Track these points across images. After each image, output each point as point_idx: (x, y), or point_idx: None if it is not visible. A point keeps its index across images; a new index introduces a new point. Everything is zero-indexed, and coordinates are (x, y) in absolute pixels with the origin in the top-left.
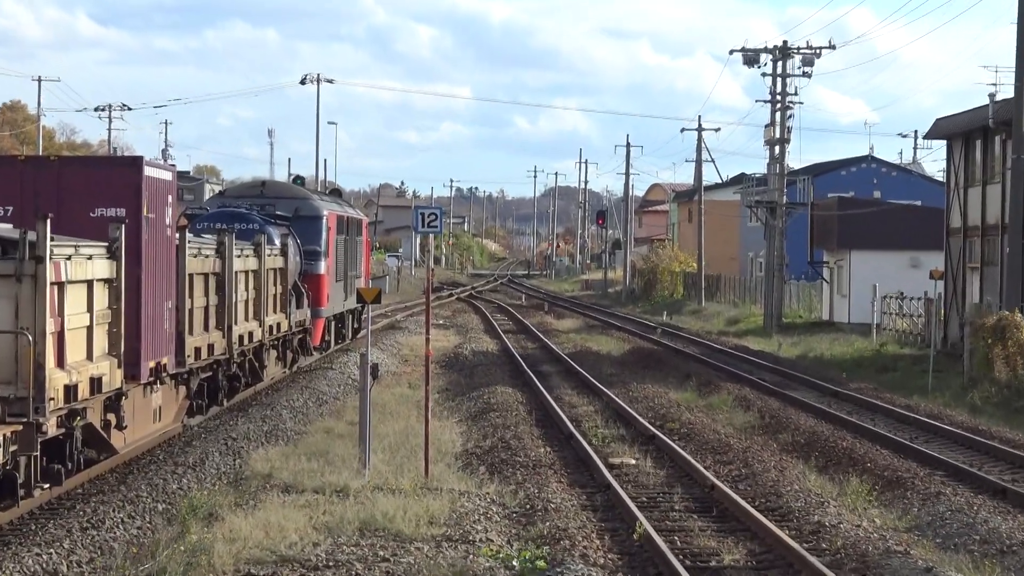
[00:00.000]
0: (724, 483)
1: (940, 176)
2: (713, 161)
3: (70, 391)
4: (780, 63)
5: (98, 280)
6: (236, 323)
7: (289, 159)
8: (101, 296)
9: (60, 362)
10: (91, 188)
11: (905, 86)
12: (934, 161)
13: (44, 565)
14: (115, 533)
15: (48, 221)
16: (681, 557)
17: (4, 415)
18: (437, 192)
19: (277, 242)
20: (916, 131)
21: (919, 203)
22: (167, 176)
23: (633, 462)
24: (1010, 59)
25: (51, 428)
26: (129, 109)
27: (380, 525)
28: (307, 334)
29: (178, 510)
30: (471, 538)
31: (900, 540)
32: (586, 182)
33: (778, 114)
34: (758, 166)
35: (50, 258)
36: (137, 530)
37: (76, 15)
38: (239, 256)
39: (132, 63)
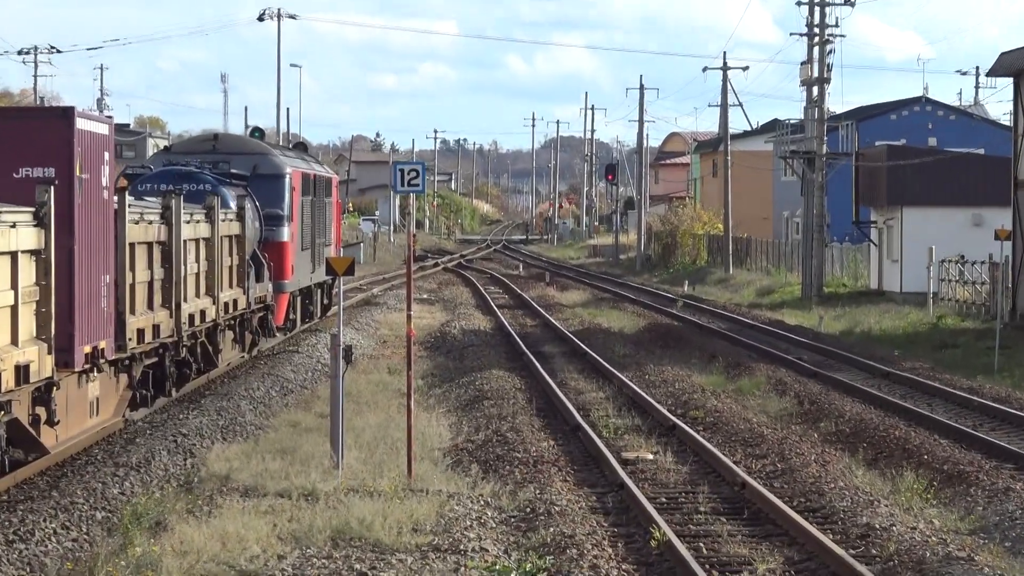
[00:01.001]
0: (757, 480)
1: (1006, 120)
2: (741, 105)
3: None
4: None
5: (23, 252)
6: (185, 300)
7: (246, 108)
8: (27, 270)
9: None
10: (14, 144)
11: (964, 15)
12: (999, 102)
13: None
14: (47, 546)
15: None
16: (707, 567)
17: None
18: (419, 145)
19: (233, 205)
20: (977, 68)
21: (981, 151)
22: (103, 129)
23: (650, 457)
24: None
25: None
26: (58, 52)
27: (356, 533)
28: (269, 312)
29: (120, 518)
30: (462, 548)
31: (962, 544)
32: (593, 131)
33: (816, 49)
34: (793, 111)
35: None
36: (72, 542)
37: None
38: (188, 222)
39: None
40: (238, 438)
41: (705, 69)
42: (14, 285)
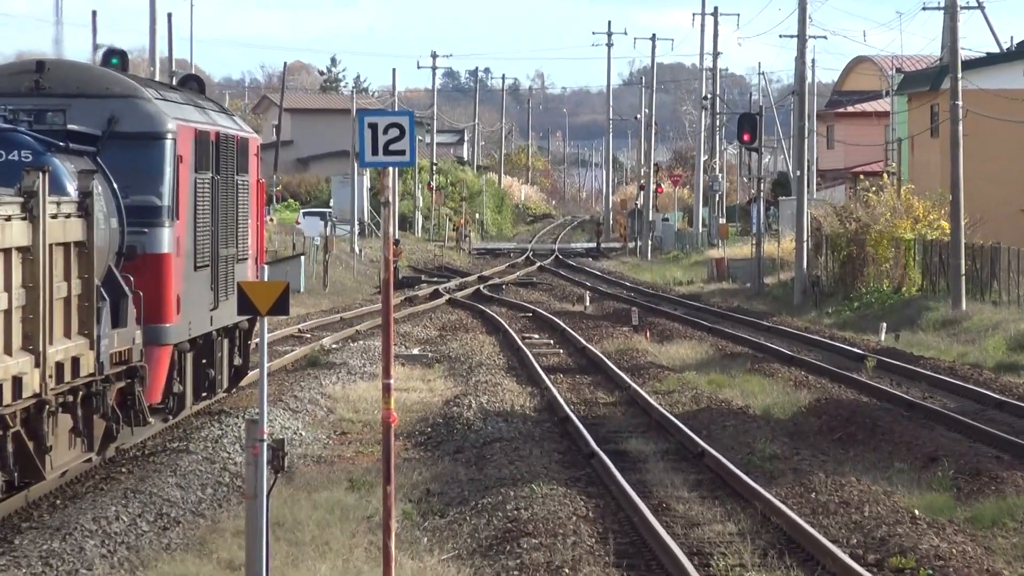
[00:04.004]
0: None
1: None
2: (982, 7)
3: None
4: None
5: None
6: None
7: (94, 15)
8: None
9: None
10: None
11: None
12: None
13: None
14: None
15: None
16: None
17: None
18: (406, 80)
19: (71, 189)
20: None
21: None
22: None
23: None
24: None
25: None
26: None
27: None
28: (136, 380)
29: None
30: None
31: None
32: (716, 56)
33: None
34: None
35: None
36: None
37: None
38: None
39: None
40: None
41: None
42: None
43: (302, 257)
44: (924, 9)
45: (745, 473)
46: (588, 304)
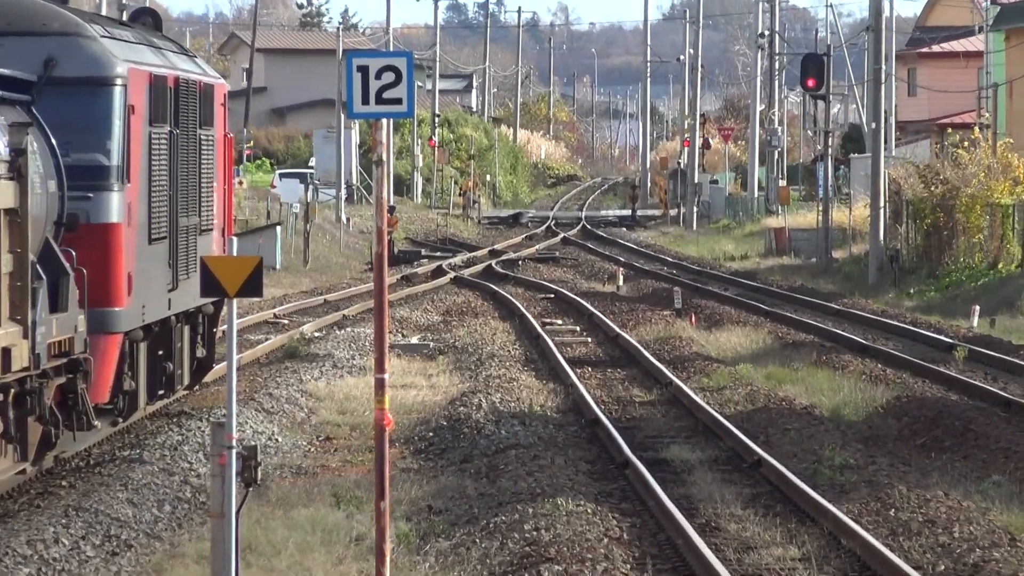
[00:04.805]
0: None
1: None
2: None
3: None
4: None
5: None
6: None
7: None
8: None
9: None
10: None
11: None
12: None
13: None
14: None
15: None
16: None
17: None
18: (404, 16)
19: (0, 145)
20: None
21: None
22: None
23: None
24: None
25: None
26: None
27: None
28: (79, 374)
29: None
30: None
31: None
32: None
33: None
34: None
35: None
36: None
37: None
38: None
39: None
40: None
41: None
42: None
43: (278, 227)
44: None
45: (810, 486)
46: (622, 283)
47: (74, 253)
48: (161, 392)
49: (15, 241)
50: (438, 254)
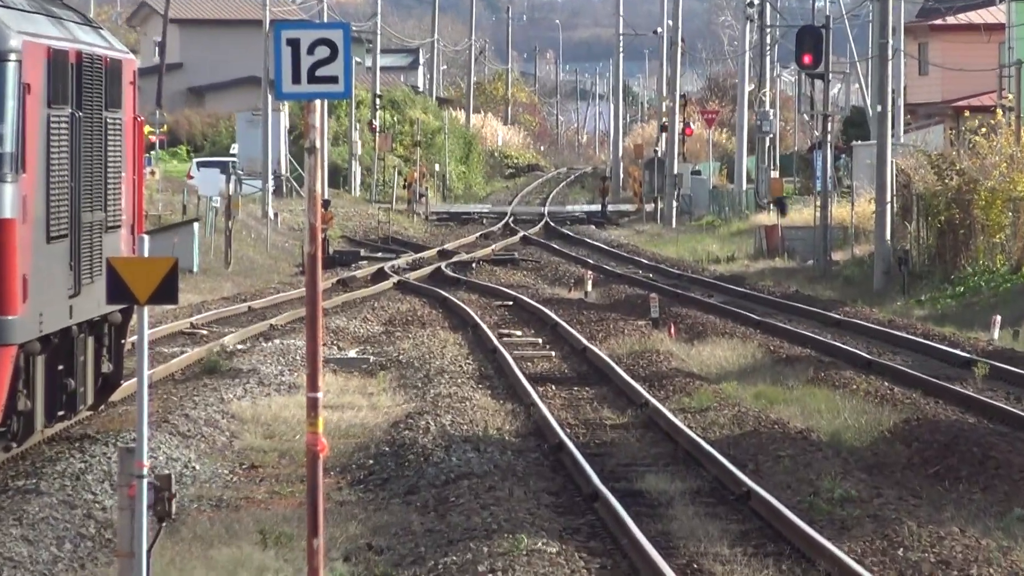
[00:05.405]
0: None
1: None
2: None
3: None
4: None
5: None
6: None
7: None
8: None
9: None
10: None
11: None
12: None
13: None
14: None
15: None
16: None
17: None
18: None
19: None
20: None
21: None
22: None
23: None
24: None
25: None
26: None
27: None
28: None
29: None
30: None
31: None
32: None
33: None
34: None
35: None
36: None
37: None
38: None
39: None
40: None
41: None
42: None
43: (196, 224)
44: None
45: (807, 522)
46: (590, 289)
47: None
48: (61, 413)
49: None
50: (379, 255)
